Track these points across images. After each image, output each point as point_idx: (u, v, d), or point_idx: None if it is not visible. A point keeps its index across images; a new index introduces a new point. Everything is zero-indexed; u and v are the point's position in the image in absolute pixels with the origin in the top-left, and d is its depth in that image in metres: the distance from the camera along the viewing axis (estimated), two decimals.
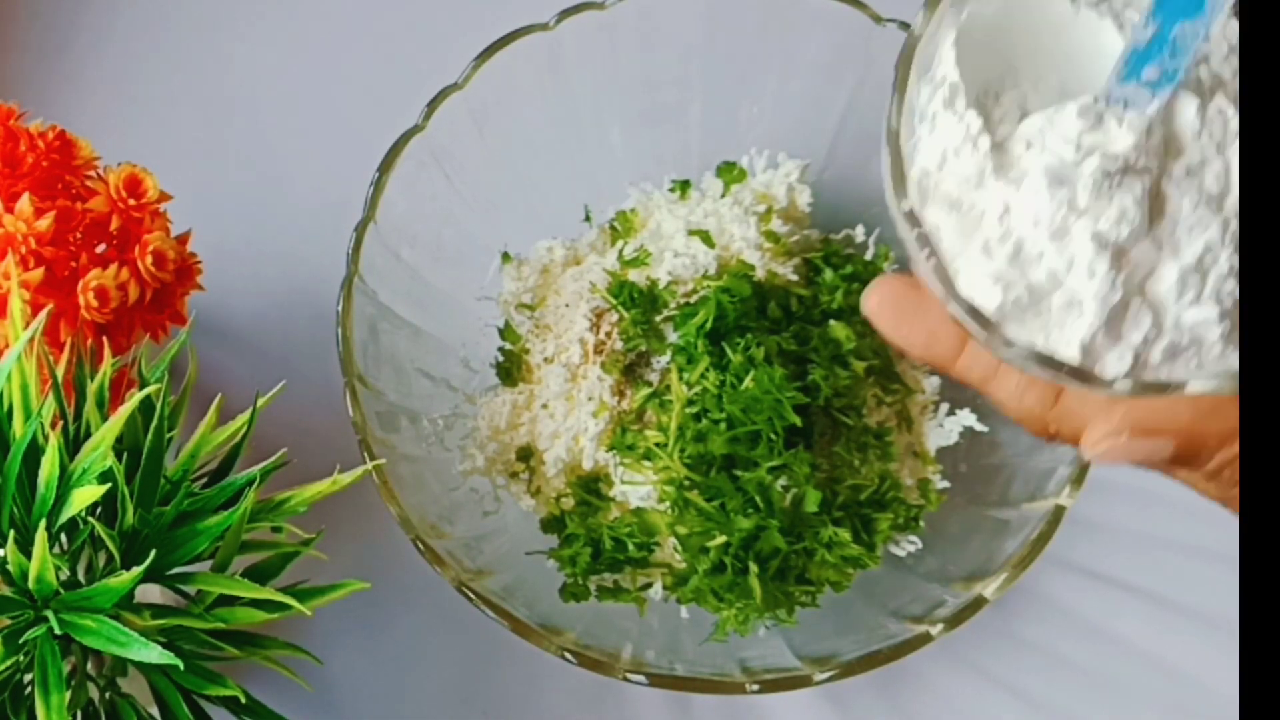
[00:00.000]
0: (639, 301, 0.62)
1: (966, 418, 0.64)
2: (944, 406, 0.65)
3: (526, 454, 0.65)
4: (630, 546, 0.60)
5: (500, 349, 0.67)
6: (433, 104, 0.62)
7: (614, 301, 0.63)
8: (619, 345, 0.62)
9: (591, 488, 0.63)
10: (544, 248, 0.69)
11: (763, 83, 0.68)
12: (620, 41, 0.65)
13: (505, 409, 0.65)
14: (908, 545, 0.61)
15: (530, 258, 0.69)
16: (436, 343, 0.66)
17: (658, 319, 0.62)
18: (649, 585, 0.61)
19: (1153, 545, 0.66)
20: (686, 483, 0.58)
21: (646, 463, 0.60)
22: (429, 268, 0.65)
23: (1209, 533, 0.63)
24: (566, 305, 0.66)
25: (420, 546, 0.55)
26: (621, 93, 0.67)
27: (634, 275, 0.64)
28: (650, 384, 0.62)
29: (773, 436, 0.58)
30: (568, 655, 0.54)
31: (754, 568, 0.57)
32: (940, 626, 0.54)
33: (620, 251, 0.65)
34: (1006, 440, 0.63)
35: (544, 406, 0.64)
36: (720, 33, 0.66)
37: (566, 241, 0.68)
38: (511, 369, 0.67)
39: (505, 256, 0.69)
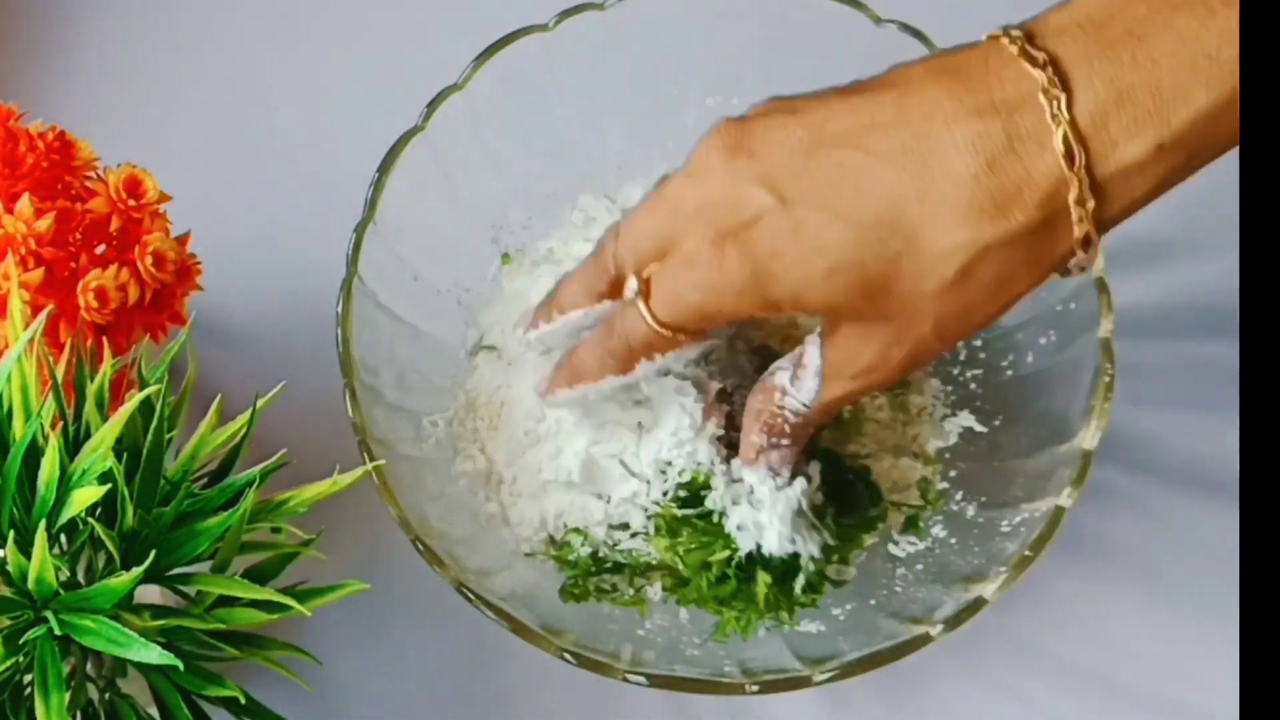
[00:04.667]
0: None
1: (966, 418, 0.64)
2: (944, 407, 0.65)
3: None
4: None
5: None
6: (433, 104, 0.62)
7: None
8: None
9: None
10: (544, 248, 0.68)
11: (763, 83, 0.67)
12: (620, 41, 0.65)
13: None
14: (908, 545, 0.61)
15: (530, 258, 0.69)
16: (436, 343, 0.66)
17: None
18: (649, 586, 0.61)
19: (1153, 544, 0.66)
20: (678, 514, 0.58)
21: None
22: (429, 268, 0.65)
23: (1210, 532, 0.64)
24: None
25: (420, 546, 0.55)
26: (621, 93, 0.67)
27: None
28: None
29: None
30: (568, 656, 0.54)
31: (763, 576, 0.57)
32: (940, 627, 0.54)
33: None
34: (1006, 440, 0.63)
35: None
36: (720, 33, 0.66)
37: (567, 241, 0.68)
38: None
39: (505, 257, 0.69)
